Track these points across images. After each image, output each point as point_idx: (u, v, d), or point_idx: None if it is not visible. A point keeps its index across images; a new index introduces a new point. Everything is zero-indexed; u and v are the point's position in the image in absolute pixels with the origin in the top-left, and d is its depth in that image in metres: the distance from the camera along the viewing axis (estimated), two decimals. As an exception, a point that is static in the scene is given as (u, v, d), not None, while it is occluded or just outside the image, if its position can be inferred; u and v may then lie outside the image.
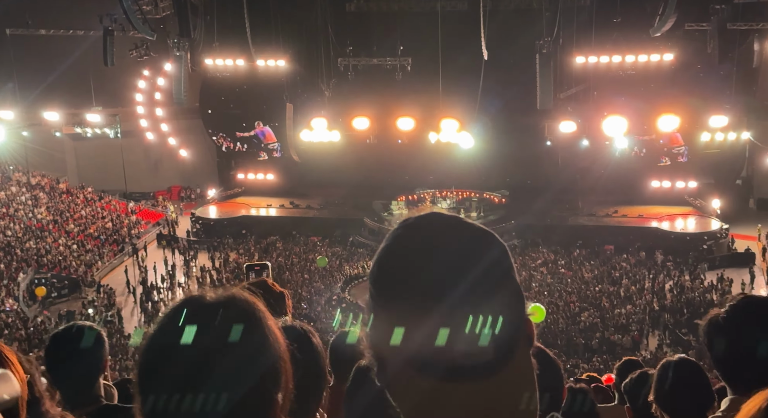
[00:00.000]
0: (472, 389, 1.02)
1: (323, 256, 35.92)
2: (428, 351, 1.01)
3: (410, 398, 1.06)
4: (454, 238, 1.07)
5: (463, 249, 1.05)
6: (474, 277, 1.02)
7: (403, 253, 1.07)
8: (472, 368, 1.00)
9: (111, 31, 38.10)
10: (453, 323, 1.00)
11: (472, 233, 1.10)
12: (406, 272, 1.04)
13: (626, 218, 40.70)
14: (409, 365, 1.04)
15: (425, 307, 1.01)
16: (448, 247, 1.05)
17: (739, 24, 35.78)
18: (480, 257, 1.06)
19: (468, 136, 40.20)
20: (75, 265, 37.02)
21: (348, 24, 42.28)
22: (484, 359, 1.01)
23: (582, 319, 30.98)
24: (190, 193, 50.32)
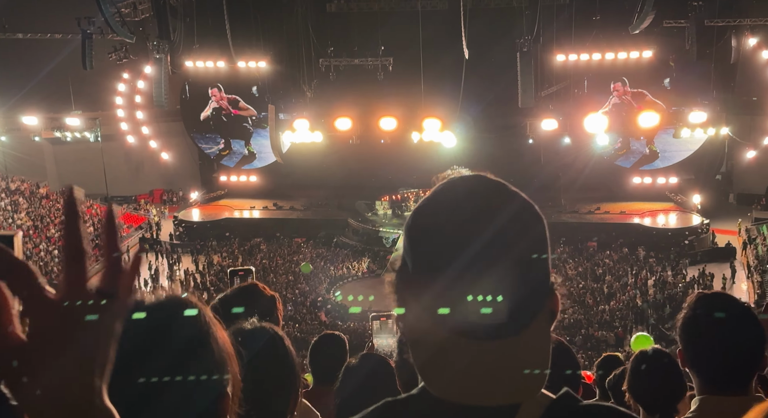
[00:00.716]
0: (484, 348, 1.04)
1: (307, 262, 35.71)
2: (445, 303, 1.04)
3: (424, 347, 1.09)
4: (493, 198, 1.10)
5: (498, 210, 1.08)
6: (504, 239, 1.04)
7: (440, 202, 1.11)
8: (485, 328, 1.03)
9: (90, 35, 37.75)
10: (471, 278, 1.03)
11: (512, 199, 1.12)
12: (438, 220, 1.08)
13: (608, 215, 40.99)
14: (426, 313, 1.07)
15: (447, 257, 1.04)
16: (484, 204, 1.08)
17: (716, 20, 36.15)
18: (515, 220, 1.08)
19: (450, 135, 40.29)
20: (57, 270, 36.68)
21: (329, 24, 42.20)
22: (497, 321, 1.03)
23: (566, 316, 31.16)
24: (173, 196, 50.01)
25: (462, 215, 1.06)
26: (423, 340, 1.09)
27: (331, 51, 41.58)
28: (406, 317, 1.12)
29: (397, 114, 41.39)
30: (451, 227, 1.06)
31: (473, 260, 1.02)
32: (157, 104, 41.86)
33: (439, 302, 1.05)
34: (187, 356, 1.21)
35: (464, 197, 1.09)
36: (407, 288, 1.11)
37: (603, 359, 5.79)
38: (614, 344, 28.87)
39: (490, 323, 1.03)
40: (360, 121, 42.28)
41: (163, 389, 1.17)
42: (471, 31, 36.98)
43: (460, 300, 1.03)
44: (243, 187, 47.25)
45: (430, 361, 1.09)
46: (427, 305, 1.07)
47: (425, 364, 1.10)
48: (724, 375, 2.27)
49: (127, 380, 1.16)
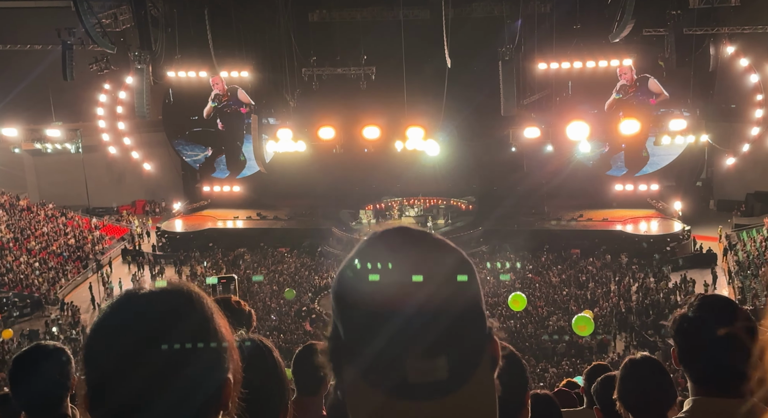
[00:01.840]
0: (424, 408, 1.01)
1: (290, 289, 35.24)
2: (380, 366, 1.01)
3: (363, 412, 1.05)
4: (419, 254, 1.06)
5: (426, 266, 1.04)
6: (434, 295, 1.01)
7: (363, 264, 1.05)
8: (425, 387, 0.99)
9: (70, 46, 37.50)
10: (406, 340, 0.99)
11: (438, 250, 1.08)
12: (364, 284, 1.03)
13: (591, 222, 41.26)
14: (362, 378, 1.03)
15: (379, 320, 1.00)
16: (410, 262, 1.04)
17: (695, 29, 36.62)
18: (443, 274, 1.04)
19: (434, 143, 40.41)
20: (37, 283, 36.28)
21: (311, 34, 42.24)
22: (438, 379, 0.99)
23: (550, 323, 31.26)
24: (155, 207, 49.71)
25: (388, 274, 1.03)
26: (362, 406, 1.05)
27: (313, 60, 41.63)
28: (343, 384, 1.08)
29: (380, 123, 41.47)
30: (379, 288, 1.02)
31: (406, 320, 0.99)
32: (139, 115, 41.65)
33: (374, 367, 1.02)
34: (192, 343, 1.21)
35: (389, 255, 1.05)
36: (341, 355, 1.07)
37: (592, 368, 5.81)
38: (597, 351, 29.00)
39: (430, 382, 0.99)
40: (343, 131, 42.30)
41: (169, 375, 1.17)
42: (453, 40, 37.17)
43: (397, 362, 0.99)
44: (226, 198, 47.07)
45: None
46: (363, 371, 1.03)
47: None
48: (719, 377, 2.28)
49: (134, 367, 1.16)
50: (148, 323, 1.20)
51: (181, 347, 1.19)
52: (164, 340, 1.18)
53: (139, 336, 1.19)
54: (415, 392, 0.99)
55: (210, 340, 1.24)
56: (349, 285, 1.06)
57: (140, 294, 1.25)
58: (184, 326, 1.21)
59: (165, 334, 1.19)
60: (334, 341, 1.08)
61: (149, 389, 1.17)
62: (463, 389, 1.02)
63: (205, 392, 1.22)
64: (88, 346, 1.23)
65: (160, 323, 1.20)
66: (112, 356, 1.18)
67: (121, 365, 1.17)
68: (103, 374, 1.19)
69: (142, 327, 1.20)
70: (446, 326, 1.00)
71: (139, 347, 1.18)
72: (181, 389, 1.19)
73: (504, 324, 30.57)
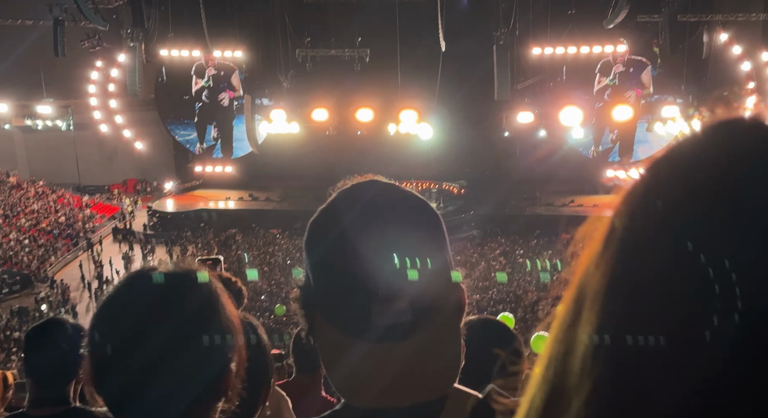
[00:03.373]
0: (389, 350, 1.05)
1: (281, 305, 34.74)
2: (346, 310, 1.06)
3: (333, 355, 1.11)
4: (386, 206, 1.11)
5: (392, 217, 1.09)
6: (399, 243, 1.06)
7: (332, 217, 1.11)
8: (389, 329, 1.04)
9: (61, 21, 37.12)
10: (371, 284, 1.03)
11: (405, 202, 1.14)
12: (333, 231, 1.08)
13: (582, 208, 41.36)
14: (330, 323, 1.08)
15: (345, 267, 1.05)
16: (377, 213, 1.09)
17: (689, 16, 36.62)
18: (409, 224, 1.09)
19: (427, 127, 40.34)
20: (27, 260, 36.17)
21: (305, 15, 41.93)
22: (401, 321, 1.04)
23: (539, 308, 31.46)
24: (147, 186, 49.53)
25: (356, 221, 1.07)
26: (332, 351, 1.10)
27: (307, 41, 41.35)
28: (314, 330, 1.13)
29: (373, 105, 41.32)
30: (346, 234, 1.06)
31: (370, 264, 1.03)
32: (131, 93, 41.34)
33: (341, 311, 1.07)
34: (195, 326, 1.23)
35: (355, 204, 1.10)
36: (311, 302, 1.12)
37: None
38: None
39: (394, 324, 1.04)
40: (337, 113, 42.15)
41: (172, 356, 1.20)
42: (448, 23, 37.01)
43: (363, 305, 1.04)
44: (218, 178, 46.91)
45: (341, 371, 1.10)
46: (331, 316, 1.08)
47: (338, 375, 1.11)
48: None
49: (138, 346, 1.19)
50: (153, 304, 1.22)
51: (184, 330, 1.21)
52: (168, 321, 1.20)
53: (143, 316, 1.21)
54: (380, 333, 1.04)
55: (213, 325, 1.25)
56: (318, 235, 1.11)
57: (148, 274, 1.27)
58: (188, 308, 1.23)
59: (169, 315, 1.21)
60: (306, 289, 1.13)
61: (151, 370, 1.19)
62: (427, 333, 1.06)
63: (205, 377, 1.24)
64: (95, 323, 1.25)
65: (165, 303, 1.23)
66: (117, 333, 1.21)
67: (125, 343, 1.19)
68: (108, 351, 1.20)
69: (146, 307, 1.22)
70: (410, 270, 1.04)
71: (143, 326, 1.20)
72: (183, 372, 1.21)
73: (494, 308, 30.78)
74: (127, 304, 1.24)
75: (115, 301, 1.26)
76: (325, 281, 1.09)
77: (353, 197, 1.13)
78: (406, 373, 1.07)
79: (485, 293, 32.42)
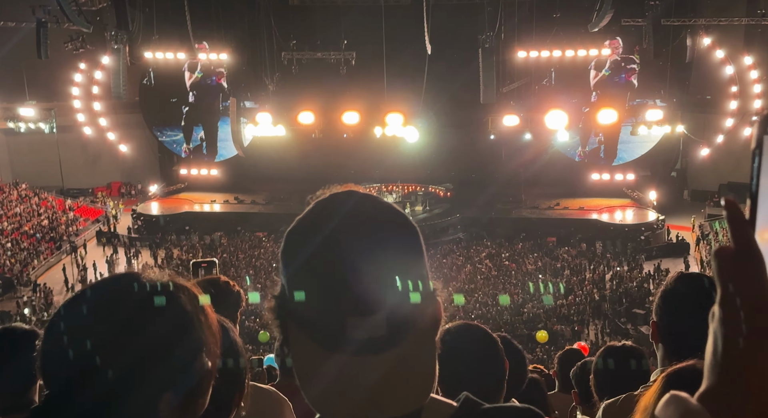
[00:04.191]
0: (363, 363, 1.04)
1: (265, 331, 34.33)
2: (321, 322, 1.04)
3: (307, 368, 1.09)
4: (363, 216, 1.09)
5: (369, 229, 1.07)
6: (376, 256, 1.04)
7: (309, 227, 1.10)
8: (363, 343, 1.03)
9: (44, 23, 36.81)
10: (347, 296, 1.02)
11: (382, 213, 1.11)
12: (310, 241, 1.07)
13: (567, 211, 41.59)
14: (305, 334, 1.07)
15: (321, 278, 1.04)
16: (354, 223, 1.07)
17: (672, 20, 36.93)
18: (385, 236, 1.08)
19: (413, 130, 40.40)
20: (9, 264, 35.79)
21: (291, 18, 41.89)
22: (376, 335, 1.03)
23: (525, 310, 31.55)
24: (131, 189, 49.19)
25: (333, 232, 1.05)
26: (306, 364, 1.08)
27: (293, 44, 41.30)
28: (289, 342, 1.11)
29: (359, 108, 41.32)
30: (322, 245, 1.05)
31: (346, 276, 1.02)
32: (115, 95, 41.07)
33: (316, 322, 1.05)
34: (170, 334, 1.19)
35: (333, 215, 1.08)
36: (286, 313, 1.10)
37: (564, 353, 5.88)
38: (570, 338, 29.32)
39: (369, 337, 1.02)
40: (323, 116, 42.10)
41: (146, 365, 1.15)
42: (433, 26, 37.11)
43: (338, 318, 1.02)
44: (203, 181, 46.70)
45: (315, 384, 1.08)
46: (305, 327, 1.06)
47: (312, 388, 1.09)
48: (691, 348, 2.34)
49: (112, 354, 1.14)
50: (128, 313, 1.17)
51: (159, 338, 1.17)
52: (144, 332, 1.16)
53: (117, 325, 1.16)
54: (355, 346, 1.03)
55: (188, 332, 1.21)
56: (293, 246, 1.10)
57: (126, 280, 1.23)
58: (160, 317, 1.18)
59: (145, 326, 1.16)
60: (281, 299, 1.11)
61: (125, 381, 1.14)
62: (401, 347, 1.05)
63: (185, 383, 1.20)
64: (53, 334, 1.18)
65: (142, 313, 1.18)
66: (91, 340, 1.15)
67: (96, 351, 1.13)
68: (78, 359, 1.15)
69: (121, 316, 1.17)
70: (386, 284, 1.03)
71: (115, 335, 1.15)
72: (161, 378, 1.16)
73: (480, 311, 30.83)
74: (99, 309, 1.18)
75: (88, 305, 1.20)
76: (300, 290, 1.07)
77: (331, 208, 1.11)
78: (381, 387, 1.05)
79: (471, 295, 32.45)
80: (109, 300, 1.20)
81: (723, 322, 0.79)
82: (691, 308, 2.35)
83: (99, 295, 1.21)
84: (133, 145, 47.00)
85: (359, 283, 1.02)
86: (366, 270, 1.02)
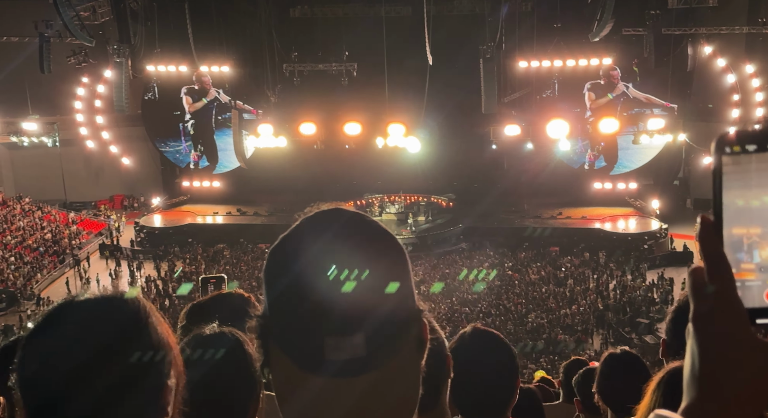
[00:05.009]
0: (343, 386, 1.02)
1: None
2: (301, 342, 1.02)
3: (286, 389, 1.07)
4: (347, 236, 1.07)
5: (353, 248, 1.05)
6: (363, 275, 1.02)
7: (292, 245, 1.08)
8: (343, 364, 1.01)
9: (47, 38, 37.03)
10: (326, 316, 1.00)
11: (367, 232, 1.09)
12: (292, 261, 1.05)
13: (570, 220, 41.52)
14: (285, 355, 1.05)
15: (301, 297, 1.02)
16: (338, 244, 1.05)
17: (673, 29, 36.99)
18: (373, 255, 1.06)
19: (415, 140, 40.44)
20: (13, 278, 35.80)
21: (292, 29, 42.07)
22: (355, 356, 1.01)
23: (529, 320, 31.46)
24: (134, 201, 49.25)
25: (316, 251, 1.04)
26: (286, 385, 1.06)
27: (295, 56, 41.46)
28: (270, 363, 1.09)
29: (361, 119, 41.41)
30: (305, 264, 1.03)
31: (327, 296, 1.00)
32: (118, 109, 41.24)
33: (295, 343, 1.03)
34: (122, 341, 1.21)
35: (317, 233, 1.07)
36: (268, 332, 1.08)
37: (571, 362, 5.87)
38: (574, 348, 29.21)
39: (349, 359, 1.00)
40: (324, 127, 42.19)
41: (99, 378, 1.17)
42: (435, 37, 37.23)
43: (316, 338, 1.00)
44: (206, 193, 46.76)
45: (294, 406, 1.06)
46: (286, 347, 1.04)
47: (290, 410, 1.07)
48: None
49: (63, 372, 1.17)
50: (73, 330, 1.20)
51: (109, 351, 1.19)
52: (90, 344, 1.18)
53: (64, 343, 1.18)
54: (334, 368, 1.00)
55: (140, 344, 1.23)
56: (276, 264, 1.09)
57: (70, 303, 1.26)
58: (111, 329, 1.21)
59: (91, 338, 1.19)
60: (263, 319, 1.10)
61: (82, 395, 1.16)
62: (383, 369, 1.02)
63: (142, 398, 1.21)
64: (24, 367, 1.21)
65: (86, 327, 1.20)
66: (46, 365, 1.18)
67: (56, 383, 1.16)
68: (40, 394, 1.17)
69: (67, 334, 1.20)
70: (367, 304, 1.01)
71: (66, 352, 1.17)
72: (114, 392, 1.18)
73: (483, 321, 30.75)
74: (49, 333, 1.23)
75: (40, 332, 1.25)
76: (282, 311, 1.05)
77: (316, 227, 1.09)
78: (360, 411, 1.03)
79: (474, 306, 32.40)
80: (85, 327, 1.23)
81: (697, 337, 0.81)
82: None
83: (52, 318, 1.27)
84: (135, 158, 47.13)
85: (339, 302, 1.00)
86: (347, 289, 1.00)
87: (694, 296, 0.85)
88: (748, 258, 0.85)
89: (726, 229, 0.84)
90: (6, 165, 47.47)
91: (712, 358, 0.82)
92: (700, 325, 0.84)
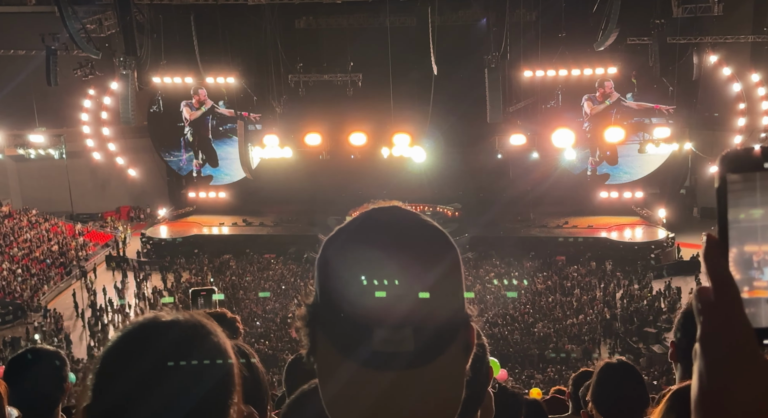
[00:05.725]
0: (388, 379, 1.03)
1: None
2: (350, 333, 1.03)
3: (330, 379, 1.08)
4: (404, 234, 1.08)
5: (410, 248, 1.06)
6: (416, 271, 1.04)
7: (349, 235, 1.10)
8: (390, 358, 1.02)
9: (54, 51, 37.28)
10: (377, 309, 1.02)
11: (424, 233, 1.10)
12: (347, 251, 1.07)
13: (576, 229, 41.44)
14: (332, 345, 1.06)
15: (354, 289, 1.03)
16: (395, 242, 1.07)
17: (678, 38, 37.00)
18: (428, 253, 1.07)
19: (420, 150, 40.51)
20: (20, 290, 35.89)
21: (298, 40, 42.26)
22: (403, 350, 1.02)
23: (536, 330, 31.33)
24: (140, 213, 49.38)
25: (371, 246, 1.05)
26: (332, 374, 1.07)
27: (300, 67, 41.63)
28: (317, 351, 1.10)
29: (366, 129, 41.51)
30: (359, 255, 1.05)
31: (382, 290, 1.02)
32: (124, 121, 41.40)
33: (344, 334, 1.04)
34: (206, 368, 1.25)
35: (374, 228, 1.09)
36: (317, 322, 1.10)
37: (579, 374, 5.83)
38: (582, 357, 29.08)
39: (397, 353, 1.01)
40: (330, 137, 42.30)
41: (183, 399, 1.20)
42: (439, 47, 37.35)
43: (368, 331, 1.02)
44: (212, 204, 46.87)
45: (338, 395, 1.08)
46: (334, 337, 1.06)
47: (334, 399, 1.09)
48: None
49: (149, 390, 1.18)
50: (164, 349, 1.22)
51: (196, 373, 1.22)
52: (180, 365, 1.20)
53: (156, 361, 1.20)
54: (381, 361, 1.02)
55: (221, 367, 1.26)
56: (331, 254, 1.10)
57: (154, 322, 1.27)
58: (199, 353, 1.23)
59: (181, 359, 1.21)
60: (313, 308, 1.11)
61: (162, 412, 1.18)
62: (429, 366, 1.04)
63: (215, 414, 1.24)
64: (103, 367, 1.23)
65: (176, 348, 1.22)
66: (127, 379, 1.19)
67: (136, 389, 1.18)
68: (115, 397, 1.19)
69: (158, 352, 1.21)
70: (418, 301, 1.03)
71: (155, 371, 1.19)
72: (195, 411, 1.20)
73: (491, 331, 30.63)
74: (134, 350, 1.23)
75: (122, 347, 1.24)
76: (332, 301, 1.06)
77: (371, 220, 1.11)
78: (402, 406, 1.04)
79: (481, 315, 32.25)
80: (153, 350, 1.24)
81: (704, 358, 0.82)
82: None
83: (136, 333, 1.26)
84: (141, 170, 47.30)
85: (390, 295, 1.02)
86: (401, 284, 1.02)
87: (700, 316, 0.84)
88: (759, 275, 0.84)
89: (736, 247, 0.84)
90: (13, 177, 47.69)
91: (719, 379, 0.82)
92: (707, 345, 0.84)
